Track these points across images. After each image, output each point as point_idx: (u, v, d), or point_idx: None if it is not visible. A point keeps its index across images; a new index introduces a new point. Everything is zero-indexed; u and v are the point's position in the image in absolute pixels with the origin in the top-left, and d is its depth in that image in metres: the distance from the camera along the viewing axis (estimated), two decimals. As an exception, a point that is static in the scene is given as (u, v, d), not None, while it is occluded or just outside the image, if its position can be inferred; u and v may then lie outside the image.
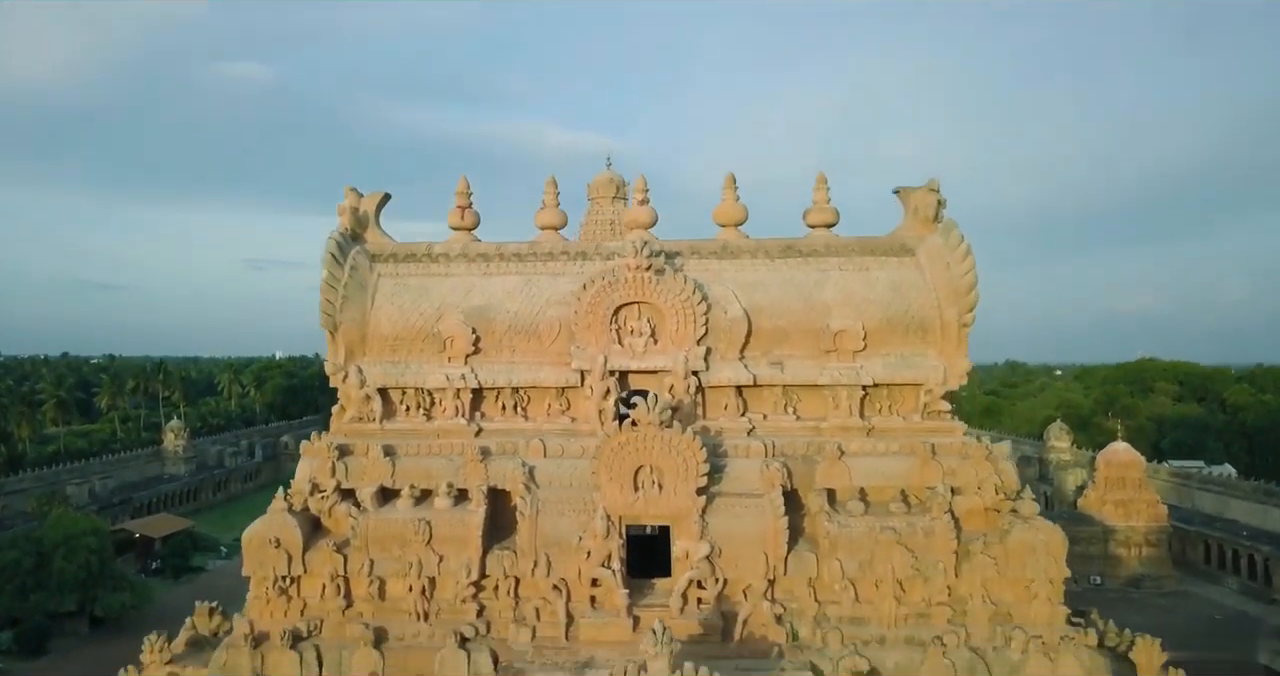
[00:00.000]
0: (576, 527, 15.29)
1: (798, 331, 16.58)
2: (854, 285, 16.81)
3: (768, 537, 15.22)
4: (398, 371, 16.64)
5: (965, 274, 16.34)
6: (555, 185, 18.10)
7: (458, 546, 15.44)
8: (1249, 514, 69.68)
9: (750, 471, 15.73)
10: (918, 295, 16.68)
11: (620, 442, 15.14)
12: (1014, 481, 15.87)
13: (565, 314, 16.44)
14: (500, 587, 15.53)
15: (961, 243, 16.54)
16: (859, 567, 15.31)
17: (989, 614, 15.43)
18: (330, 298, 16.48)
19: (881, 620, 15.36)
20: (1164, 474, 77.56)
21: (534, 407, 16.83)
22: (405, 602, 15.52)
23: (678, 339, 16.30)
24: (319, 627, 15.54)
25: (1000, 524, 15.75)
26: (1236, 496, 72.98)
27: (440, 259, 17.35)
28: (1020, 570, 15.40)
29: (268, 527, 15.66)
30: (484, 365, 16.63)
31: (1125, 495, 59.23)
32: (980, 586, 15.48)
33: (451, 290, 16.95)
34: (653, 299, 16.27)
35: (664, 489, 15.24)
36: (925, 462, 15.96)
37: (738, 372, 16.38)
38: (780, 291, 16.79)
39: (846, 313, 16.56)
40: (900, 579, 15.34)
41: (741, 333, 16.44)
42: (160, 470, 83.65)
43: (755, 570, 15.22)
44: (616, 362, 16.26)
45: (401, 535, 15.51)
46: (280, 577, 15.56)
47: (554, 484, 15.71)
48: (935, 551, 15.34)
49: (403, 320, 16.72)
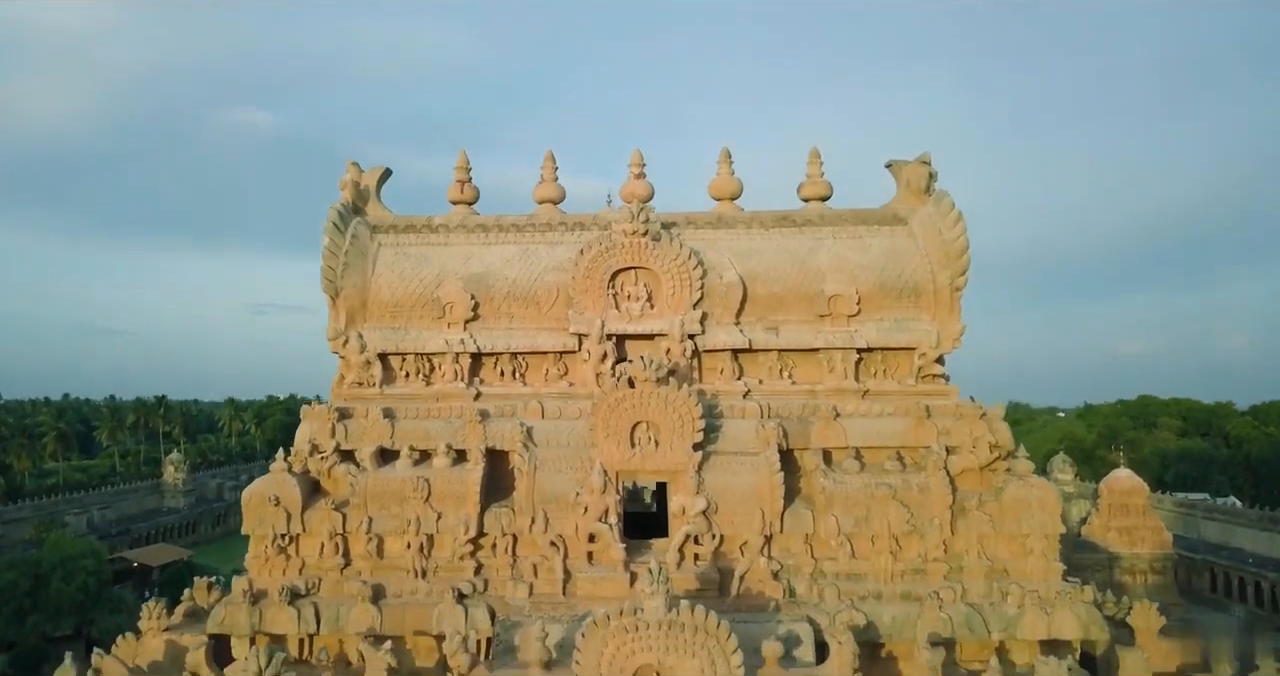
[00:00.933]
0: (574, 484, 15.40)
1: (792, 296, 16.81)
2: (847, 252, 17.07)
3: (763, 493, 15.32)
4: (397, 337, 16.85)
5: (957, 238, 16.60)
6: (553, 159, 18.42)
7: (456, 503, 15.54)
8: (1254, 541, 69.32)
9: (746, 431, 15.86)
10: (911, 261, 16.93)
11: (617, 399, 15.30)
12: (1008, 440, 15.98)
13: (563, 280, 16.69)
14: (498, 545, 15.59)
15: (953, 209, 16.82)
16: (855, 523, 15.39)
17: (985, 570, 15.46)
18: (331, 264, 16.74)
19: (878, 576, 15.40)
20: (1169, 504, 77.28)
21: (532, 373, 17.01)
22: (403, 560, 15.58)
23: (674, 303, 16.52)
24: (317, 586, 15.58)
25: (995, 482, 15.85)
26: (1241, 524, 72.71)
27: (440, 230, 17.64)
28: (1015, 526, 15.48)
29: (267, 486, 15.78)
30: (483, 331, 16.85)
31: (1129, 522, 58.87)
32: (976, 542, 15.54)
33: (451, 258, 17.21)
34: (649, 264, 16.53)
35: (660, 445, 15.37)
36: (920, 422, 16.10)
37: (733, 337, 16.58)
38: (775, 258, 17.05)
39: (840, 278, 16.80)
40: (896, 535, 15.41)
41: (737, 298, 16.66)
42: (160, 503, 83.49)
43: (751, 526, 15.29)
44: (613, 326, 16.46)
45: (400, 492, 15.62)
46: (279, 536, 15.64)
47: (552, 443, 15.84)
48: (930, 507, 15.43)
49: (403, 287, 16.96)
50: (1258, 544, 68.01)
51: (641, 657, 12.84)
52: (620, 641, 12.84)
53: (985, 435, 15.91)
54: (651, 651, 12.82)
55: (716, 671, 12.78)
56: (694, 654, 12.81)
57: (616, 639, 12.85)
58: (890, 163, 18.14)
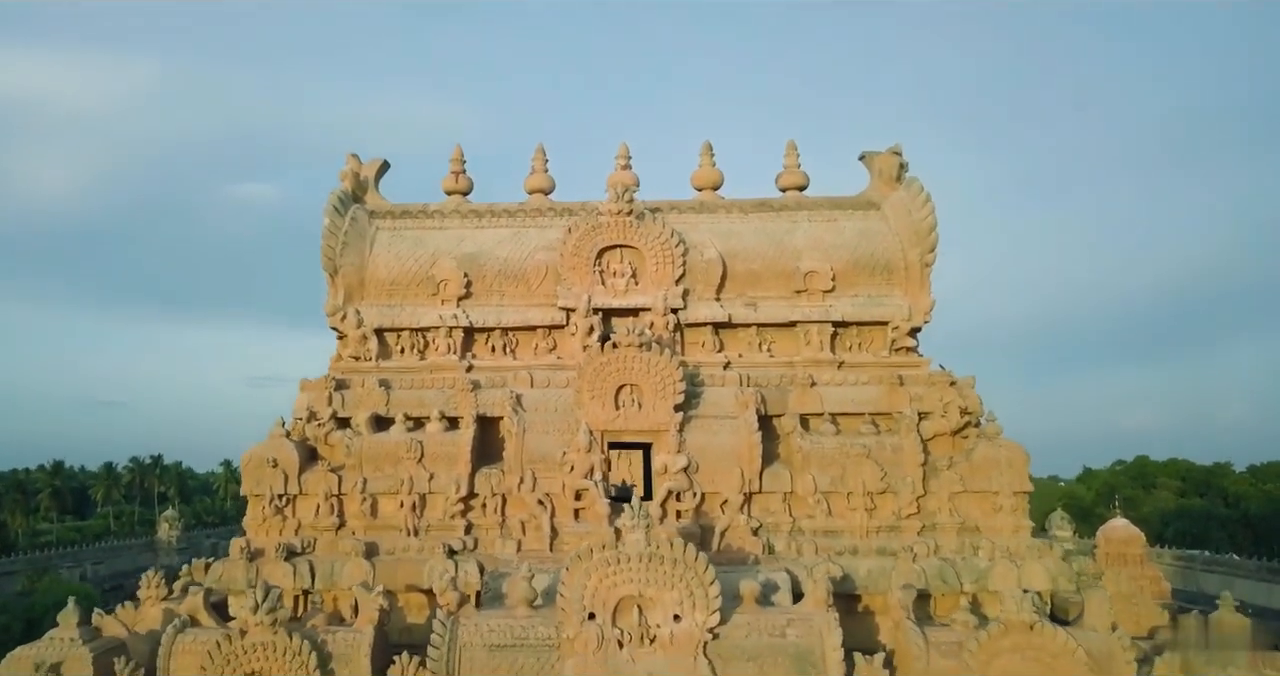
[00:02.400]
0: (561, 445, 16.03)
1: (770, 273, 17.64)
2: (822, 232, 17.95)
3: (742, 453, 15.94)
4: (393, 313, 17.63)
5: (926, 218, 17.49)
6: (543, 152, 19.41)
7: (448, 464, 16.15)
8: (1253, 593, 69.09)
9: (726, 397, 16.54)
10: (882, 240, 17.80)
11: (602, 362, 16.01)
12: (978, 406, 16.65)
13: (551, 258, 17.53)
14: (488, 505, 16.15)
15: (923, 192, 17.75)
16: (831, 482, 15.99)
17: (957, 526, 16.01)
18: (330, 243, 17.59)
19: (854, 532, 15.94)
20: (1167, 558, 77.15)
21: (522, 348, 17.73)
22: (396, 519, 16.12)
23: (657, 279, 17.33)
24: (313, 545, 16.09)
25: (966, 444, 16.48)
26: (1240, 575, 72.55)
27: (435, 215, 18.54)
28: (985, 484, 16.07)
29: (265, 449, 16.40)
30: (475, 307, 17.63)
31: (1127, 571, 58.77)
32: (948, 500, 16.11)
33: (445, 240, 18.08)
34: (634, 242, 17.38)
35: (643, 407, 16.04)
36: (893, 389, 16.79)
37: (714, 311, 17.36)
38: (753, 238, 17.92)
39: (815, 256, 17.66)
40: (871, 492, 15.99)
41: (717, 274, 17.49)
42: (154, 560, 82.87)
43: (731, 484, 15.88)
44: (600, 301, 17.24)
45: (394, 454, 16.23)
46: (276, 497, 16.21)
47: (540, 409, 16.50)
48: (904, 466, 16.04)
49: (399, 266, 17.80)
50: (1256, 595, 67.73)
51: (623, 589, 13.34)
52: (603, 574, 13.35)
53: (956, 400, 16.59)
54: (633, 583, 13.33)
55: (695, 602, 13.28)
56: (673, 586, 13.31)
57: (599, 572, 13.37)
58: (864, 154, 19.11)
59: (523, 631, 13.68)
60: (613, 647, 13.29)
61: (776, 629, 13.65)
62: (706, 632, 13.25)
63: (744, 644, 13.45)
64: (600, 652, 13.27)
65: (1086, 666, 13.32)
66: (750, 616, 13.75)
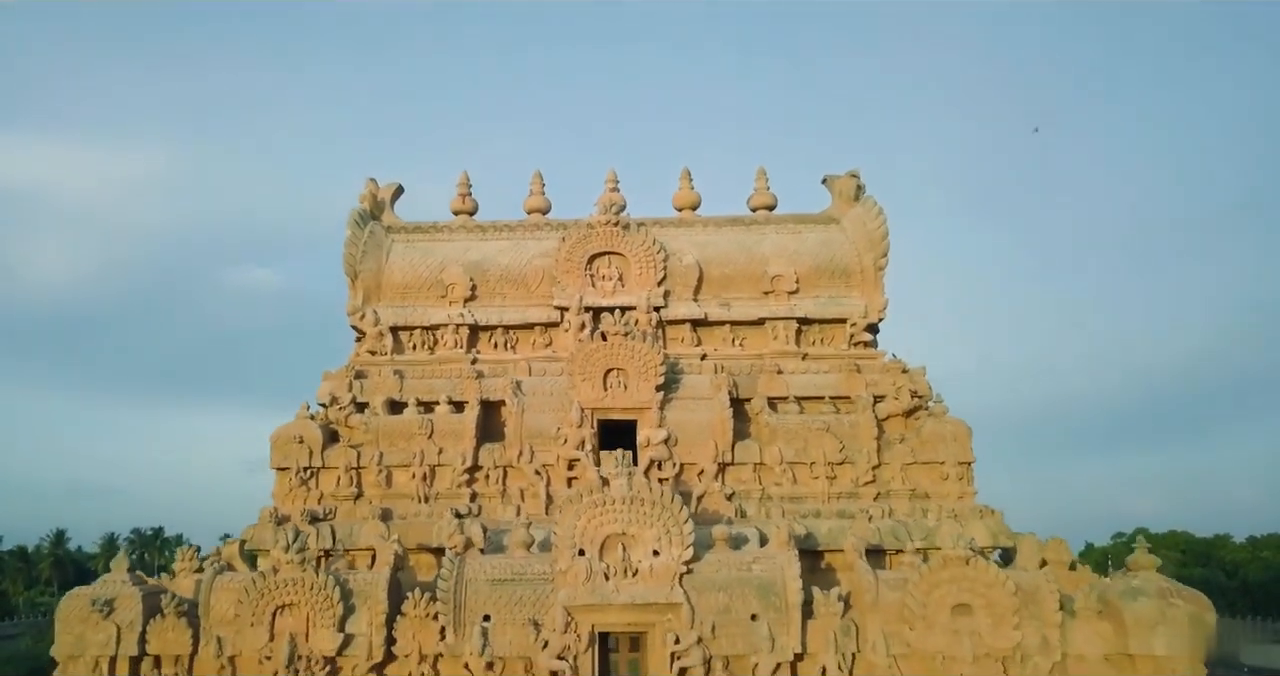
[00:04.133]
0: (555, 422, 18.08)
1: (741, 277, 19.90)
2: (788, 242, 20.27)
3: (716, 427, 17.98)
4: (407, 313, 19.84)
5: (879, 227, 19.82)
6: (540, 177, 21.82)
7: (455, 439, 18.16)
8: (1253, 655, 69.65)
9: (702, 382, 18.63)
10: (841, 248, 20.11)
11: (592, 348, 18.16)
12: (927, 390, 18.72)
13: (548, 264, 19.80)
14: (490, 476, 18.12)
15: (877, 207, 20.11)
16: (795, 453, 17.98)
17: (908, 492, 17.96)
18: (351, 252, 19.89)
19: (816, 498, 17.87)
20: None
21: (521, 345, 19.90)
22: (409, 488, 18.06)
23: (641, 282, 19.58)
24: (334, 512, 17.99)
25: (917, 423, 18.51)
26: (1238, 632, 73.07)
27: (444, 230, 20.89)
28: (933, 455, 18.07)
29: (292, 428, 18.44)
30: (479, 308, 19.85)
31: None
32: (900, 470, 18.09)
33: (452, 249, 20.38)
34: (620, 249, 19.68)
35: (628, 387, 18.13)
36: (851, 376, 18.89)
37: (691, 310, 19.58)
38: (727, 247, 20.23)
39: (781, 262, 19.93)
40: (831, 463, 17.98)
41: (694, 278, 19.74)
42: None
43: (706, 455, 17.88)
44: (590, 300, 19.45)
45: (407, 431, 18.26)
46: (301, 469, 18.18)
47: (537, 392, 18.59)
48: (860, 440, 18.06)
49: (411, 271, 20.06)
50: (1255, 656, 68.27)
51: (609, 527, 15.29)
52: (592, 514, 15.31)
53: (907, 385, 18.67)
54: (617, 522, 15.28)
55: (671, 539, 15.21)
56: (652, 525, 15.26)
57: (588, 513, 15.33)
58: (826, 177, 21.51)
59: (521, 568, 15.58)
60: (600, 579, 15.18)
61: (744, 565, 15.57)
62: (682, 565, 15.16)
63: (715, 577, 15.34)
64: (589, 583, 15.15)
65: (1015, 596, 15.17)
66: (721, 555, 15.67)
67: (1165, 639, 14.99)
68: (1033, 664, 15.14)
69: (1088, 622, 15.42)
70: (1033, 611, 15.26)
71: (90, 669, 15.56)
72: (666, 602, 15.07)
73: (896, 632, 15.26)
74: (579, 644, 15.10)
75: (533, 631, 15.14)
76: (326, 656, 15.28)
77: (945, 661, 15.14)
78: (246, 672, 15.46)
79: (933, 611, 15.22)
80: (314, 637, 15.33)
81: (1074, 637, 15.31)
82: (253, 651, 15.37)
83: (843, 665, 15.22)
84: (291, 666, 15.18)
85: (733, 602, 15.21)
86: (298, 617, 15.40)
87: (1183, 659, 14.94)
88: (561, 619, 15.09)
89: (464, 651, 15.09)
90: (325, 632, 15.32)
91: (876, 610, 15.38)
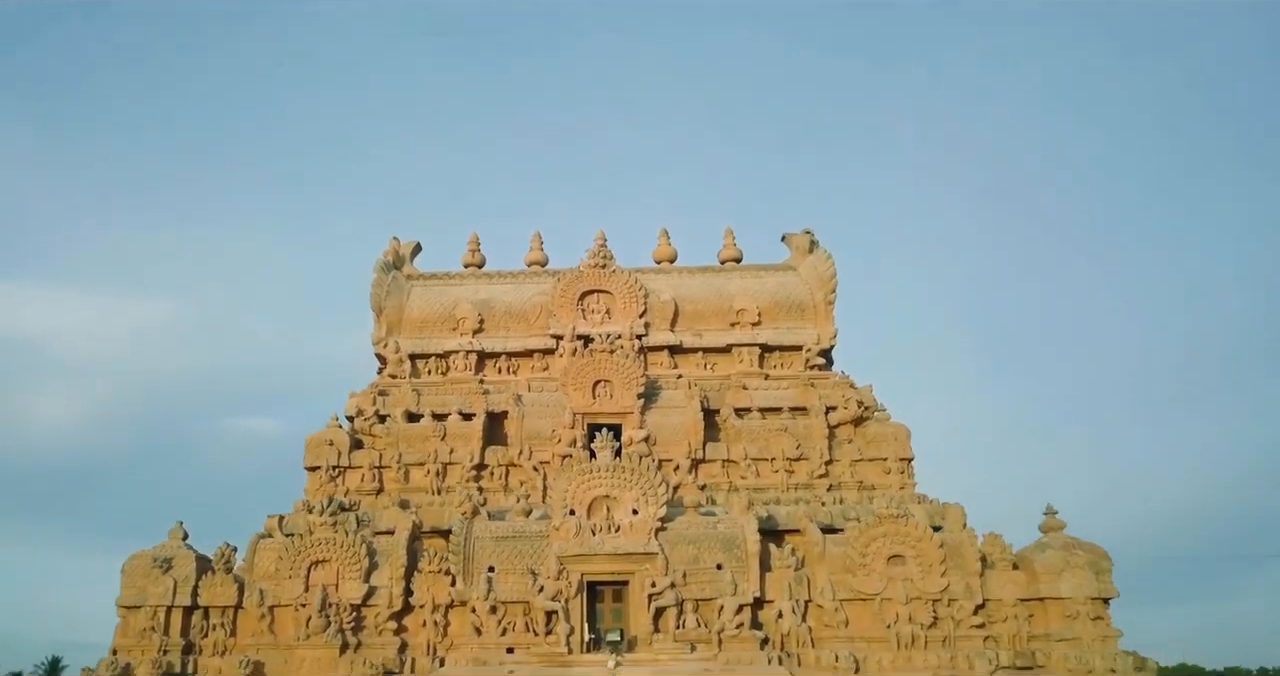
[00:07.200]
0: (552, 425, 21.01)
1: (710, 312, 23.20)
2: (751, 283, 23.69)
3: (689, 428, 20.93)
4: (423, 343, 23.04)
5: (828, 269, 23.26)
6: (540, 238, 25.41)
7: (464, 442, 21.06)
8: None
9: (678, 395, 21.68)
10: (796, 289, 23.50)
11: (583, 362, 21.27)
12: (873, 401, 21.72)
13: (545, 300, 23.12)
14: (495, 473, 20.93)
15: (827, 254, 23.60)
16: (758, 450, 20.86)
17: (856, 485, 20.75)
18: (378, 291, 23.25)
19: (776, 488, 20.64)
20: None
21: (522, 370, 23.03)
22: (424, 483, 20.82)
23: (625, 314, 22.87)
24: (358, 504, 20.68)
25: (864, 429, 21.47)
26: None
27: (456, 277, 24.35)
28: (877, 452, 20.95)
29: (323, 434, 21.35)
30: (486, 338, 23.06)
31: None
32: (849, 466, 20.93)
33: (463, 291, 23.77)
34: (607, 287, 23.05)
35: (614, 396, 21.15)
36: (806, 389, 21.95)
37: (668, 337, 22.81)
38: (699, 288, 23.63)
39: (745, 298, 23.28)
40: (789, 458, 20.82)
41: (670, 311, 23.03)
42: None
43: (681, 452, 20.75)
44: (582, 329, 22.68)
45: (423, 434, 21.17)
46: (330, 468, 20.98)
47: (535, 403, 21.60)
48: (814, 440, 20.97)
49: (428, 308, 23.36)
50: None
51: (596, 491, 18.11)
52: (580, 480, 18.15)
53: (854, 396, 21.70)
54: (602, 486, 18.11)
55: (648, 499, 18.01)
56: (631, 487, 18.09)
57: (578, 478, 18.17)
58: (784, 235, 25.10)
59: (521, 527, 18.34)
60: (587, 534, 17.91)
61: (710, 525, 18.34)
62: (657, 522, 17.90)
63: (686, 532, 18.08)
64: (578, 537, 17.87)
65: (941, 549, 17.89)
66: (691, 517, 18.46)
67: (1070, 583, 17.66)
68: (958, 605, 17.73)
69: (1004, 572, 18.08)
70: (957, 563, 17.97)
71: (149, 618, 18.06)
72: (644, 553, 17.75)
73: (842, 581, 17.90)
74: (570, 589, 17.70)
75: (530, 579, 17.77)
76: (353, 604, 17.87)
77: (883, 603, 17.75)
78: (284, 618, 17.97)
79: (871, 560, 17.91)
80: (343, 588, 17.94)
81: (992, 585, 17.96)
82: (290, 600, 17.93)
83: (796, 609, 17.80)
84: (323, 612, 17.71)
85: (701, 554, 17.90)
86: (329, 571, 18.06)
87: (1084, 599, 17.55)
88: (555, 568, 17.73)
89: (471, 596, 17.68)
90: (353, 584, 17.93)
91: (824, 562, 18.05)
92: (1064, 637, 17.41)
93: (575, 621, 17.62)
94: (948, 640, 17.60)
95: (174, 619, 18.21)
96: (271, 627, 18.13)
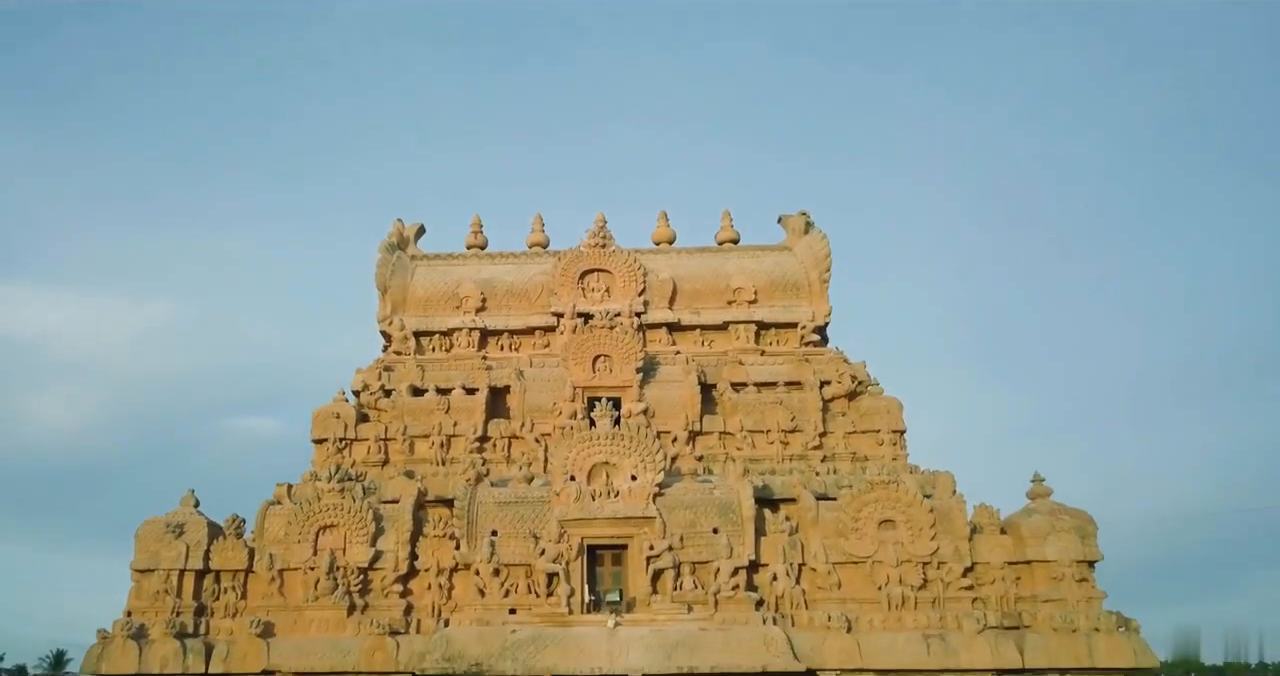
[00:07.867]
0: (553, 399, 21.55)
1: (708, 291, 23.74)
2: (747, 263, 24.23)
3: (686, 401, 21.46)
4: (428, 321, 23.58)
5: (822, 248, 23.80)
6: (541, 220, 25.96)
7: (467, 414, 21.60)
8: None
9: (675, 370, 22.22)
10: (792, 268, 24.04)
11: (583, 337, 21.81)
12: (866, 376, 22.25)
13: (546, 279, 23.67)
14: (498, 445, 21.46)
15: (822, 234, 24.15)
16: (754, 422, 21.39)
17: (849, 456, 21.26)
18: (383, 271, 23.80)
19: (772, 459, 21.15)
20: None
21: (523, 347, 23.56)
22: (429, 455, 21.34)
23: (625, 293, 23.42)
24: (365, 475, 21.20)
25: (857, 402, 22.00)
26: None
27: (459, 257, 24.89)
28: (870, 425, 21.48)
29: (330, 407, 21.91)
30: (488, 316, 23.61)
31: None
32: (843, 438, 21.46)
33: (466, 270, 24.31)
34: (607, 266, 23.60)
35: (614, 370, 21.69)
36: (800, 365, 22.48)
37: (667, 315, 23.35)
38: (697, 267, 24.17)
39: (742, 278, 23.82)
40: (784, 430, 21.35)
41: (669, 290, 23.58)
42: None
43: (679, 424, 21.28)
44: (582, 307, 23.22)
45: (428, 407, 21.71)
46: (338, 440, 21.52)
47: (537, 378, 22.14)
48: (808, 412, 21.51)
49: (432, 287, 23.91)
50: None
51: (596, 457, 18.66)
52: (581, 447, 18.70)
53: (848, 371, 22.22)
54: (602, 453, 18.65)
55: (646, 466, 18.56)
56: (630, 454, 18.63)
57: (579, 445, 18.71)
58: (781, 217, 25.64)
59: (523, 493, 18.91)
60: (588, 499, 18.46)
61: (707, 491, 18.89)
62: (655, 487, 18.45)
63: (683, 498, 18.63)
64: (579, 502, 18.42)
65: (931, 514, 18.43)
66: (688, 483, 19.01)
67: (1055, 546, 18.20)
68: (947, 568, 18.27)
69: (992, 536, 18.62)
70: (946, 527, 18.51)
71: (162, 581, 18.61)
72: (643, 517, 18.30)
73: (835, 544, 18.45)
74: (570, 552, 18.25)
75: (532, 543, 18.32)
76: (360, 567, 18.42)
77: (874, 565, 18.29)
78: (293, 581, 18.52)
79: (863, 525, 18.45)
80: (350, 552, 18.50)
81: (980, 548, 18.51)
82: (299, 564, 18.48)
83: (790, 572, 18.34)
84: (331, 576, 18.26)
85: (698, 518, 18.45)
86: (337, 536, 18.61)
87: (1069, 561, 18.09)
88: (556, 531, 18.29)
89: (475, 560, 18.24)
90: (360, 548, 18.49)
91: (817, 526, 18.60)
92: (1050, 598, 17.97)
93: (576, 583, 18.18)
94: (937, 601, 18.14)
95: (186, 582, 18.76)
96: (281, 590, 18.69)
